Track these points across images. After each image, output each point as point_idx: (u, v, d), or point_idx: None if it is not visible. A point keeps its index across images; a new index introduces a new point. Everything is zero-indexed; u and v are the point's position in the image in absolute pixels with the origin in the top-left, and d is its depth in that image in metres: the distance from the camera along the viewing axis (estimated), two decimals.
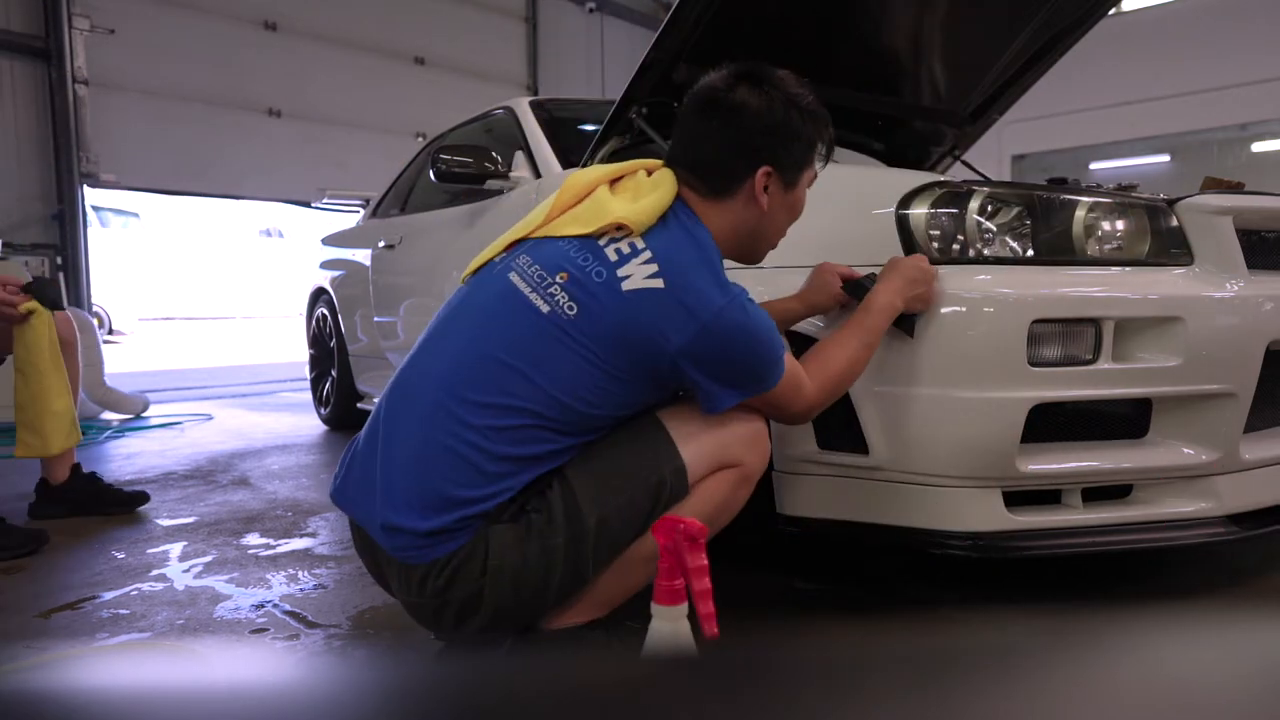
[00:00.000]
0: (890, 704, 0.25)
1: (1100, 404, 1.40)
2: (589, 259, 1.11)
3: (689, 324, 1.08)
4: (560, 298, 1.10)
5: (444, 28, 8.15)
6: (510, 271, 1.16)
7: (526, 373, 1.08)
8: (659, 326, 1.08)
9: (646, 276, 1.09)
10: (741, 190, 1.19)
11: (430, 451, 1.09)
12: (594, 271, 1.10)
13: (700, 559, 0.97)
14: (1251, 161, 8.40)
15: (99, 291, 7.18)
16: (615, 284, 1.09)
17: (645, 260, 1.10)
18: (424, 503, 1.08)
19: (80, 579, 1.70)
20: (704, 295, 1.09)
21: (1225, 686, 0.25)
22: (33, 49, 5.88)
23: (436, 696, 0.26)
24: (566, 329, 1.09)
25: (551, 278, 1.11)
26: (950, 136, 2.53)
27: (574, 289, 1.10)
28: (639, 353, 1.09)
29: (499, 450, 1.08)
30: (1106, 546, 1.37)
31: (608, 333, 1.08)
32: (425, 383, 1.13)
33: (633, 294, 1.08)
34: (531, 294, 1.12)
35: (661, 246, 1.11)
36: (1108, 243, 1.44)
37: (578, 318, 1.09)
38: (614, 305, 1.08)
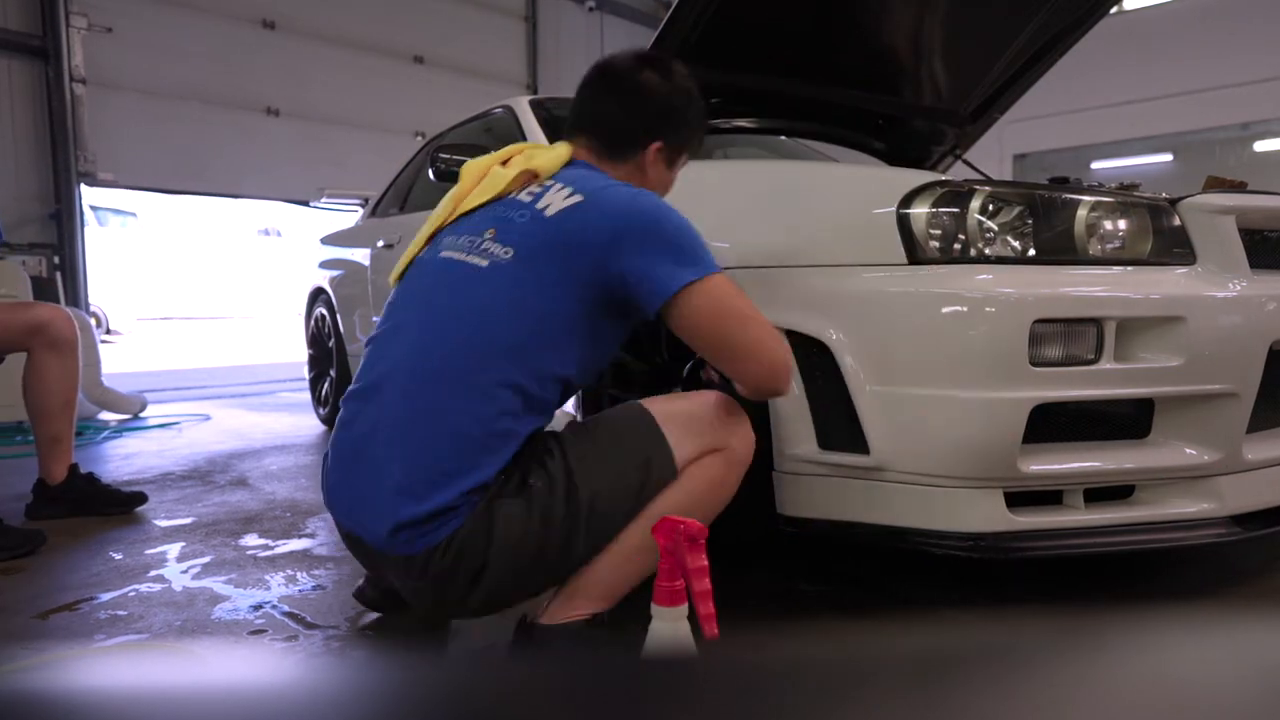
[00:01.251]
0: (890, 704, 0.25)
1: (1102, 404, 1.39)
2: (508, 210, 1.22)
3: (609, 214, 1.16)
4: (494, 249, 1.18)
5: (443, 27, 8.15)
6: (440, 252, 1.24)
7: (484, 332, 1.13)
8: (587, 225, 1.15)
9: (564, 199, 1.18)
10: (634, 158, 1.32)
11: (416, 440, 1.11)
12: (516, 215, 1.20)
13: (700, 560, 0.97)
14: (1253, 161, 8.40)
15: (96, 291, 7.17)
16: (539, 215, 1.18)
17: (561, 190, 1.20)
18: (423, 486, 1.10)
19: (78, 580, 1.69)
20: (619, 191, 1.19)
21: (1226, 687, 0.25)
22: (30, 47, 5.87)
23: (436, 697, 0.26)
24: (508, 271, 1.15)
25: (480, 236, 1.20)
26: (951, 136, 2.53)
27: (504, 236, 1.18)
28: (577, 262, 1.14)
29: (481, 419, 1.11)
30: (1108, 547, 1.37)
31: (547, 253, 1.15)
32: (391, 381, 1.16)
33: (556, 215, 1.17)
34: (468, 257, 1.19)
35: (573, 178, 1.22)
36: (1110, 242, 1.43)
37: (514, 258, 1.16)
38: (542, 231, 1.17)
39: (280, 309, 12.36)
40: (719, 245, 1.63)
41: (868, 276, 1.44)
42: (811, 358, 1.49)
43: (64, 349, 2.15)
